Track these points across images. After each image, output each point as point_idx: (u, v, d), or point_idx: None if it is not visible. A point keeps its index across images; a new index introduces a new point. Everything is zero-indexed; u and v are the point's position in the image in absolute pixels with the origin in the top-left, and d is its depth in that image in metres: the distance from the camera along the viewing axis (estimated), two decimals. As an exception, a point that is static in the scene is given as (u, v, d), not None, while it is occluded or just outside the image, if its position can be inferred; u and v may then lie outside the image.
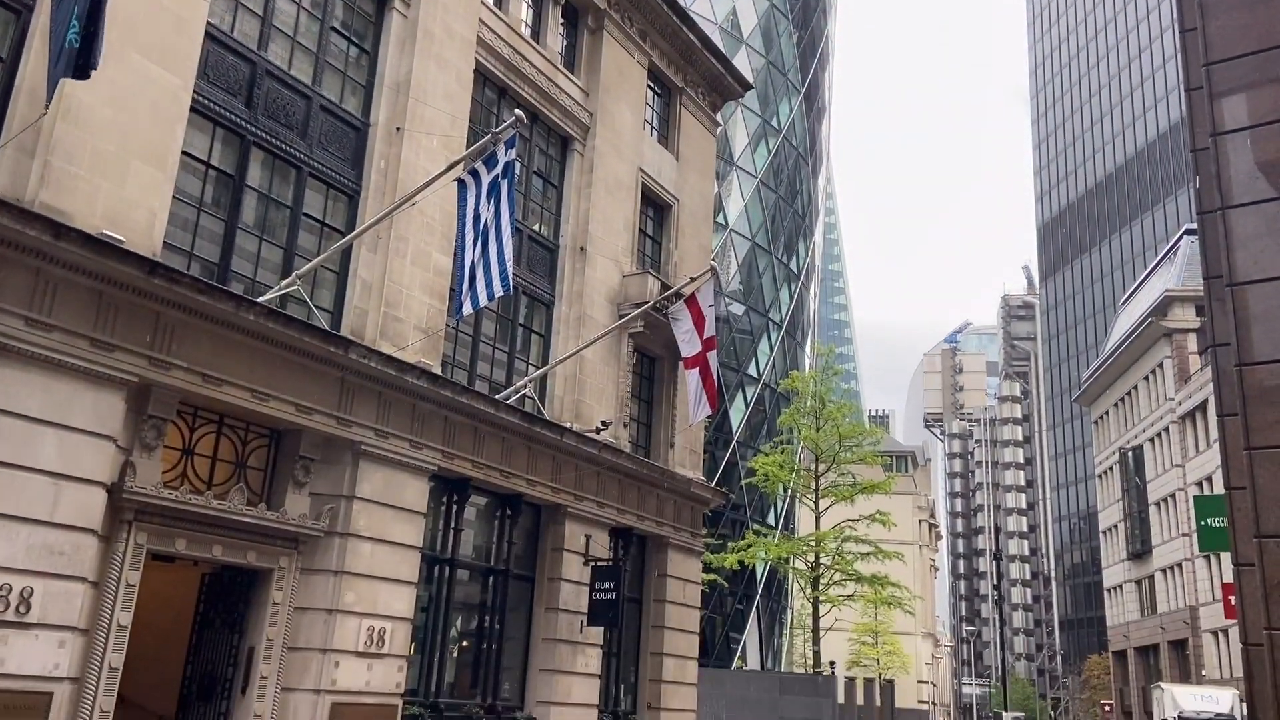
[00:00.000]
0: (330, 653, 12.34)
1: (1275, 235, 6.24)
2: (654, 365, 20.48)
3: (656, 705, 18.67)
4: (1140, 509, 63.61)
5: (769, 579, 62.33)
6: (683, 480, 19.93)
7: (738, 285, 65.56)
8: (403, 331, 14.13)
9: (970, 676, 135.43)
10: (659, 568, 19.54)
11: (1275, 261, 6.14)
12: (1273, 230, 6.29)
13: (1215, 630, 53.40)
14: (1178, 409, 57.45)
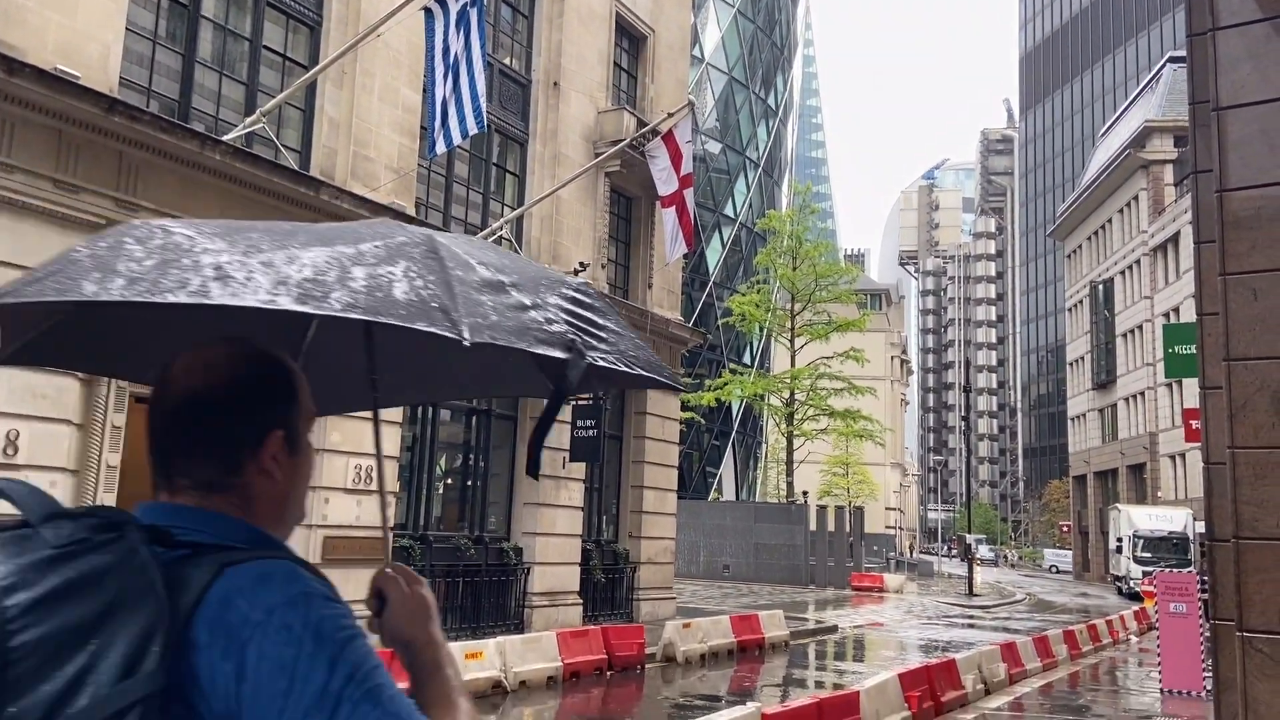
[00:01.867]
0: (320, 489, 12.67)
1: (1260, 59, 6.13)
2: (631, 205, 20.27)
3: (638, 534, 19.45)
4: (1107, 340, 65.07)
5: (744, 415, 63.90)
6: (661, 320, 20.09)
7: (714, 122, 64.13)
8: (374, 171, 13.83)
9: (936, 503, 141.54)
10: (638, 406, 19.94)
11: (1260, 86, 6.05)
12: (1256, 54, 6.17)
13: (1173, 455, 55.72)
14: (1150, 241, 57.91)
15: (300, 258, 1.15)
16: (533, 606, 16.26)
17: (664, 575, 20.05)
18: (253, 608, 1.07)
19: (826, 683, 13.86)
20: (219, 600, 1.08)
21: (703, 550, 37.48)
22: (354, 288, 1.13)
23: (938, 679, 10.99)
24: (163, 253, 1.14)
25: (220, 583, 1.09)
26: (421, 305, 1.15)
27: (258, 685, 1.03)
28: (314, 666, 1.04)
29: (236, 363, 1.26)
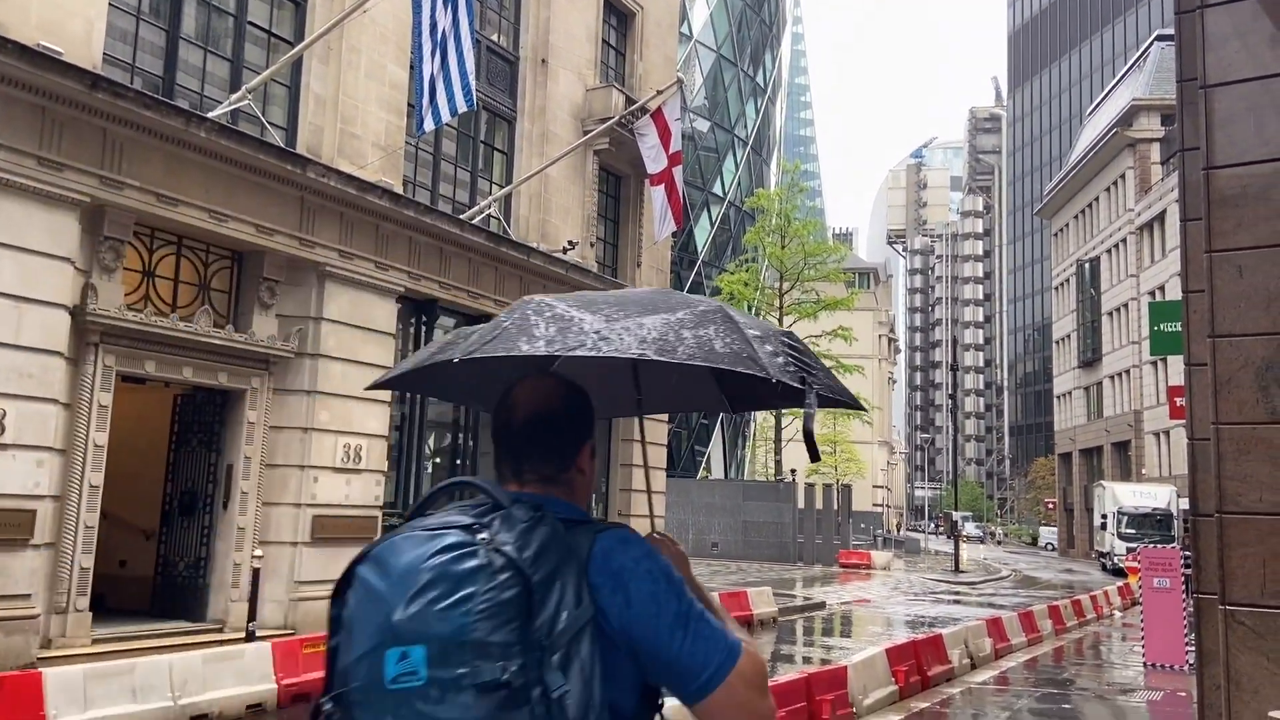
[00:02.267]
0: (309, 469, 12.67)
1: (1247, 37, 6.17)
2: (619, 184, 20.21)
3: (626, 512, 19.52)
4: (1093, 319, 65.39)
5: (733, 394, 63.95)
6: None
7: (703, 100, 63.84)
8: (361, 149, 13.74)
9: (923, 481, 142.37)
10: (627, 383, 19.95)
11: (1246, 63, 6.10)
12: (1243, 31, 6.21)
13: (1157, 432, 56.18)
14: (1136, 220, 58.09)
15: (645, 324, 1.68)
16: (522, 584, 16.32)
17: (653, 553, 20.14)
18: (625, 559, 1.53)
19: (814, 658, 13.99)
20: (601, 555, 1.52)
21: (691, 528, 37.65)
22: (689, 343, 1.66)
23: (924, 654, 11.11)
24: (558, 323, 1.68)
25: (599, 543, 1.54)
26: (735, 355, 1.66)
27: (638, 611, 1.49)
28: (669, 597, 1.52)
29: (563, 392, 1.73)
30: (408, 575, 1.43)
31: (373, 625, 1.43)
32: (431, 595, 1.40)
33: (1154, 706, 10.83)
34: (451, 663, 1.37)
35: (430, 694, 1.37)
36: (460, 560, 1.43)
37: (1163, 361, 55.24)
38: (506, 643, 1.38)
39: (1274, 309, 5.70)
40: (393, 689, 1.38)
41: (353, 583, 1.51)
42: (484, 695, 1.36)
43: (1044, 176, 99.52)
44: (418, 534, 1.50)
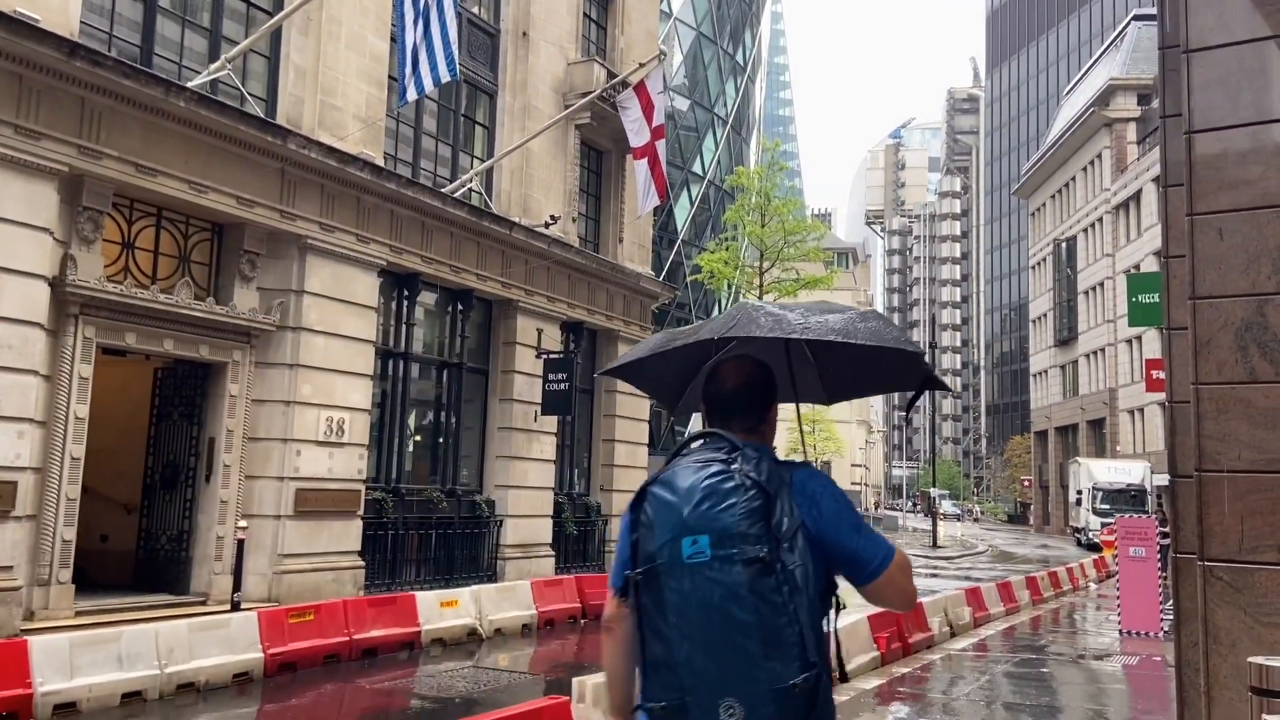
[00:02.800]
0: (291, 442, 12.63)
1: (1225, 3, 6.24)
2: (601, 159, 20.15)
3: (609, 487, 19.59)
4: (1069, 298, 65.94)
5: (712, 373, 64.10)
6: (631, 274, 20.08)
7: (682, 79, 63.57)
8: (342, 121, 13.63)
9: (901, 460, 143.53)
10: (610, 359, 19.96)
11: (1227, 28, 6.20)
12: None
13: (1131, 409, 56.85)
14: (1113, 199, 58.53)
15: (828, 319, 2.37)
16: (505, 558, 16.38)
17: (635, 528, 20.23)
18: (815, 485, 2.23)
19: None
20: (799, 481, 2.22)
21: (672, 505, 37.79)
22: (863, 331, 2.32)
23: (905, 622, 11.25)
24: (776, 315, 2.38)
25: (796, 474, 2.23)
26: (895, 338, 2.36)
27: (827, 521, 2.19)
28: (847, 512, 2.24)
29: (757, 368, 2.42)
30: (691, 491, 2.13)
31: (670, 523, 2.13)
32: (709, 503, 2.10)
33: (1130, 670, 11.03)
34: (726, 545, 2.07)
35: (713, 566, 2.07)
36: (724, 481, 2.13)
37: (1137, 340, 55.86)
38: (758, 534, 2.08)
39: (1253, 270, 5.80)
40: (688, 563, 2.09)
41: (646, 498, 2.21)
42: (747, 567, 2.06)
43: (1021, 157, 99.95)
44: (691, 465, 2.19)
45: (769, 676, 2.04)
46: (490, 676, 9.89)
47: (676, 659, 2.09)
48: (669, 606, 2.11)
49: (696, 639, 2.07)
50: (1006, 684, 9.53)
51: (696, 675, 2.07)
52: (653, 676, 2.14)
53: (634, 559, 2.18)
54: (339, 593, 12.77)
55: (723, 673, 2.05)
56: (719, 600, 2.06)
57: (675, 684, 2.10)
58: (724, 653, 2.05)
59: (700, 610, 2.07)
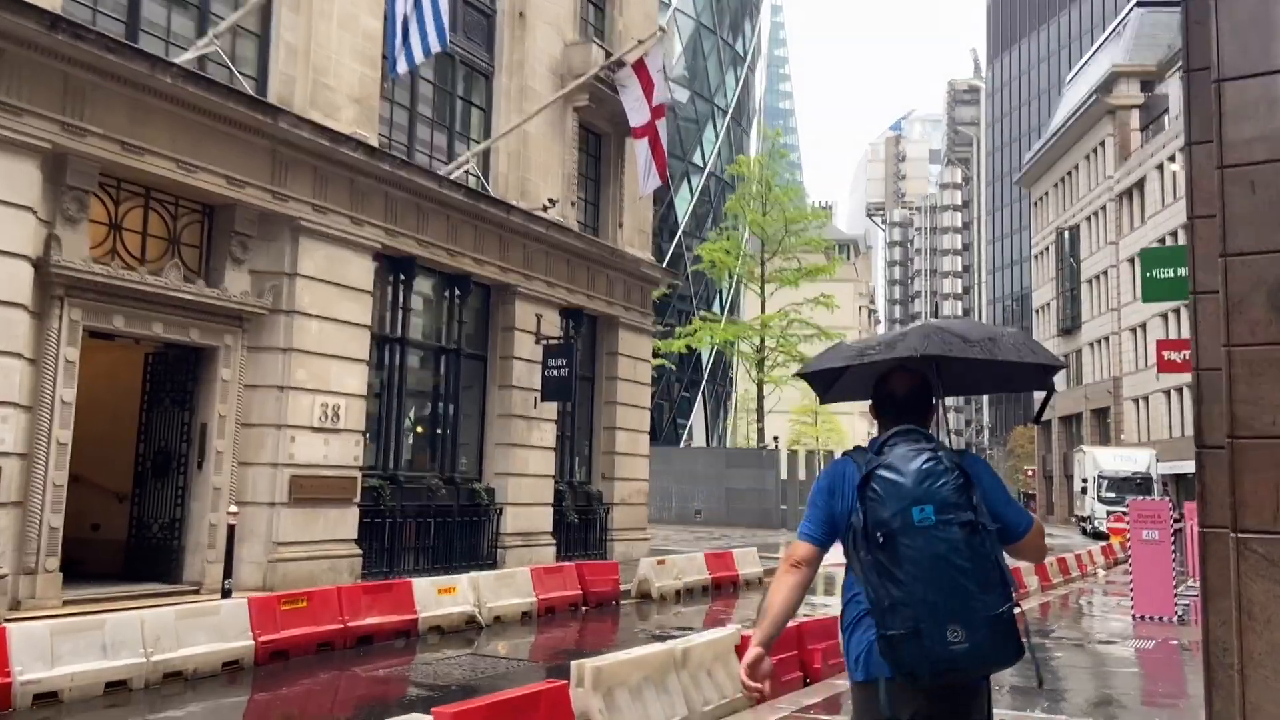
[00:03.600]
0: (285, 428, 12.36)
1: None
2: (600, 143, 19.84)
3: (611, 475, 19.33)
4: (1073, 287, 65.57)
5: (714, 365, 63.92)
6: (632, 260, 19.79)
7: (683, 70, 63.20)
8: (334, 101, 13.34)
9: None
10: (610, 346, 19.71)
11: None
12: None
13: (1136, 398, 56.53)
14: (1116, 186, 58.13)
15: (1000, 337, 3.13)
16: (505, 547, 16.12)
17: (637, 516, 19.98)
18: (979, 468, 2.88)
19: (800, 613, 13.85)
20: (969, 462, 2.86)
21: (674, 496, 37.55)
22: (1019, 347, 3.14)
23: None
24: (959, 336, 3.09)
25: (964, 458, 2.87)
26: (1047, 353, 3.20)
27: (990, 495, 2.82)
28: (1001, 488, 2.93)
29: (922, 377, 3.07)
30: (914, 471, 2.75)
31: (899, 496, 2.72)
32: (929, 481, 2.73)
33: (1145, 654, 10.75)
34: (945, 513, 2.70)
35: (938, 527, 2.68)
36: (936, 465, 2.76)
37: (1141, 328, 55.52)
38: (964, 503, 2.72)
39: (1288, 224, 5.49)
40: (918, 525, 2.69)
41: (873, 478, 2.78)
42: (962, 528, 2.70)
43: (1023, 147, 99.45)
44: (906, 453, 2.80)
45: (983, 607, 2.67)
46: (488, 664, 9.63)
47: (912, 596, 2.67)
48: (904, 559, 2.70)
49: (926, 581, 2.66)
50: (1019, 669, 9.25)
51: (928, 608, 2.66)
52: (889, 612, 2.70)
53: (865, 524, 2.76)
54: (335, 581, 12.49)
55: (948, 605, 2.65)
56: (944, 553, 2.68)
57: (910, 616, 2.67)
58: (948, 591, 2.66)
59: (930, 560, 2.67)
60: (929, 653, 2.66)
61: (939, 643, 2.66)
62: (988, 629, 2.66)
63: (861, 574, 2.79)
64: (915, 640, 2.66)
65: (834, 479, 2.98)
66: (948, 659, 2.66)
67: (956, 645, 2.65)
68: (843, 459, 3.03)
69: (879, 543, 2.73)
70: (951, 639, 2.65)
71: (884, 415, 3.10)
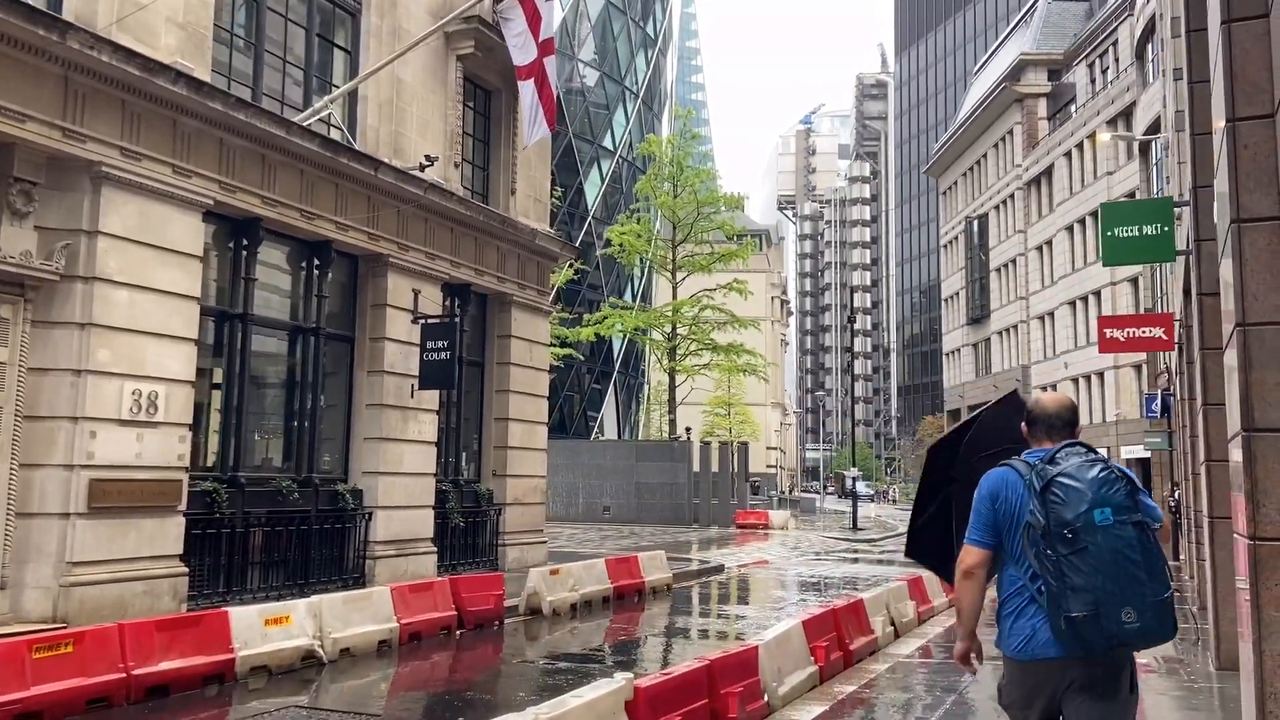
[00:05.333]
0: (83, 421, 10.01)
1: None
2: (490, 100, 17.73)
3: (502, 472, 17.29)
4: (981, 276, 65.78)
5: (626, 356, 62.21)
6: (526, 231, 17.75)
7: (592, 52, 61.17)
8: (150, 23, 10.98)
9: (815, 443, 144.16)
10: (502, 328, 17.66)
11: None
12: None
13: (1043, 386, 56.71)
14: (1024, 175, 58.24)
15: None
16: (376, 557, 13.96)
17: (533, 517, 17.99)
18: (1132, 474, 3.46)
19: (713, 630, 12.13)
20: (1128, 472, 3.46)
21: (582, 492, 35.65)
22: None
23: (846, 624, 9.30)
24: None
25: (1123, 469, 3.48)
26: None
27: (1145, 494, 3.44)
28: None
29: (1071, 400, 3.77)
30: (1092, 480, 3.31)
31: (1082, 500, 3.28)
32: (1106, 488, 3.30)
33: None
34: (1122, 514, 3.26)
35: (1115, 526, 3.25)
36: (1109, 474, 3.34)
37: (1049, 316, 55.73)
38: (1132, 506, 3.30)
39: None
40: (1099, 525, 3.25)
41: (1055, 484, 3.34)
42: (1134, 527, 3.28)
43: (930, 139, 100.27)
44: (1080, 464, 3.37)
45: (1151, 593, 3.23)
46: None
47: (1093, 584, 3.21)
48: (1087, 553, 3.23)
49: (1106, 572, 3.21)
50: (983, 703, 7.60)
51: (1106, 594, 3.21)
52: (1071, 596, 3.24)
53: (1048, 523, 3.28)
54: (153, 607, 10.25)
55: (1123, 592, 3.21)
56: (1121, 548, 3.23)
57: (1091, 600, 3.22)
58: (1123, 580, 3.22)
59: (1111, 555, 3.22)
60: (1105, 631, 3.24)
61: (1115, 623, 3.23)
62: (1154, 611, 3.23)
63: (1039, 566, 3.32)
64: (1094, 621, 3.23)
65: (997, 486, 3.54)
66: (1121, 635, 3.24)
67: (1130, 624, 3.23)
68: (1002, 468, 3.57)
69: (1066, 539, 3.27)
70: (1125, 619, 3.22)
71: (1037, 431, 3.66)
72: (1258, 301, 4.66)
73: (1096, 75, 51.07)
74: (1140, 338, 13.96)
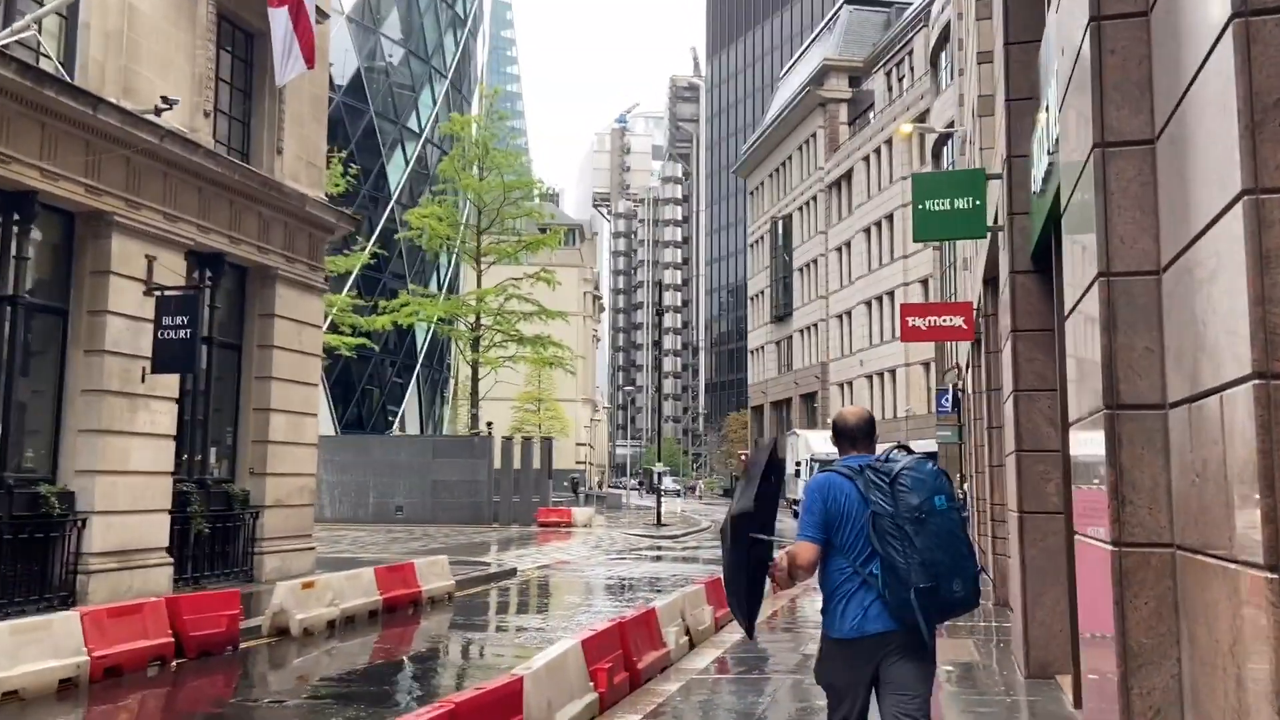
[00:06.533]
0: None
1: None
2: (252, 45, 15.54)
3: (262, 470, 15.19)
4: (785, 275, 67.40)
5: (431, 349, 59.64)
6: (295, 196, 15.71)
7: (398, 28, 58.15)
8: None
9: (625, 439, 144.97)
10: (265, 305, 15.54)
11: None
12: None
13: (841, 382, 58.54)
14: (825, 178, 59.95)
15: None
16: (91, 571, 11.69)
17: (300, 521, 15.97)
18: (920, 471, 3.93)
19: (489, 650, 10.70)
20: None
21: (373, 491, 33.32)
22: None
23: (633, 638, 8.12)
24: None
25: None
26: None
27: None
28: None
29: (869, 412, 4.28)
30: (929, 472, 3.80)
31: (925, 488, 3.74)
32: (939, 480, 3.79)
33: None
34: (949, 502, 3.75)
35: (949, 510, 3.73)
36: (935, 469, 3.85)
37: (846, 315, 57.54)
38: (954, 496, 3.80)
39: None
40: (938, 509, 3.72)
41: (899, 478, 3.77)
42: (958, 513, 3.79)
43: (740, 141, 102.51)
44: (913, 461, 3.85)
45: (970, 566, 3.77)
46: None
47: (935, 559, 3.68)
48: (929, 533, 3.70)
49: (944, 548, 3.71)
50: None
51: (943, 567, 3.69)
52: (918, 571, 3.67)
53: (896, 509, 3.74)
54: None
55: (954, 565, 3.71)
56: (952, 529, 3.74)
57: (933, 573, 3.67)
58: (955, 555, 3.72)
59: (946, 534, 3.72)
60: (942, 600, 3.73)
61: (949, 592, 3.72)
62: (972, 583, 3.78)
63: (885, 549, 3.74)
64: (934, 592, 3.68)
65: (826, 488, 3.94)
66: (951, 603, 3.78)
67: (957, 594, 3.74)
68: (826, 474, 4.01)
69: (915, 520, 3.72)
70: (955, 589, 3.72)
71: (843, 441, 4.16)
72: (1125, 246, 3.70)
73: (894, 83, 53.06)
74: (941, 327, 13.63)
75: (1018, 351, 8.22)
